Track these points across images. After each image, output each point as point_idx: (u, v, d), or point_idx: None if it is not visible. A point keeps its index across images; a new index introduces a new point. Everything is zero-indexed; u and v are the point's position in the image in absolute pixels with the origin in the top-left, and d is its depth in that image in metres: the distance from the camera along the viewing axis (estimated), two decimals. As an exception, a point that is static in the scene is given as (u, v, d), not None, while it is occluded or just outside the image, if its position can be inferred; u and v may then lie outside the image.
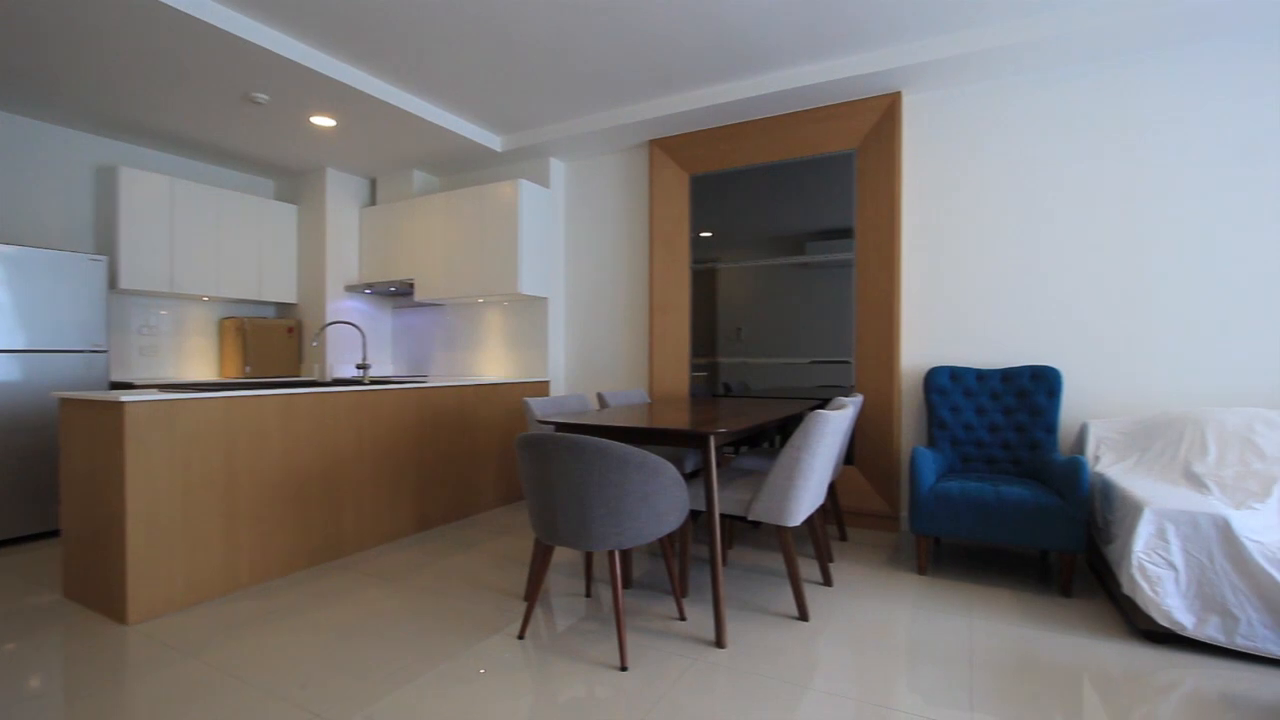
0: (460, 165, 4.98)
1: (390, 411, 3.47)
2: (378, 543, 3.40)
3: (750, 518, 2.39)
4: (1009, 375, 3.25)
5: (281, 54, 3.15)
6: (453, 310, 5.17)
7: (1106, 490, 2.60)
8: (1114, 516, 2.47)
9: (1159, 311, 3.10)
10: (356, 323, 4.92)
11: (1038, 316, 3.33)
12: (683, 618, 2.43)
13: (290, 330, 5.08)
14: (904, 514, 3.65)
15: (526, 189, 4.45)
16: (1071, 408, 3.24)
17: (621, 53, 3.34)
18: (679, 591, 2.44)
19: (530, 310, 4.80)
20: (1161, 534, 2.16)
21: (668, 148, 4.29)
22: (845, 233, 3.79)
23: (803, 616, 2.43)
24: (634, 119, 4.03)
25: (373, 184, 5.33)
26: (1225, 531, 2.07)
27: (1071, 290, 3.27)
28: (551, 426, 2.72)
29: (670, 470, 2.09)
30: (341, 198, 5.11)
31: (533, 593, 2.25)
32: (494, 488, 4.24)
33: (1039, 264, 3.34)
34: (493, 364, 4.97)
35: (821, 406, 2.99)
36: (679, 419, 2.50)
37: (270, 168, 5.00)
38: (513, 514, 4.13)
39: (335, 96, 3.65)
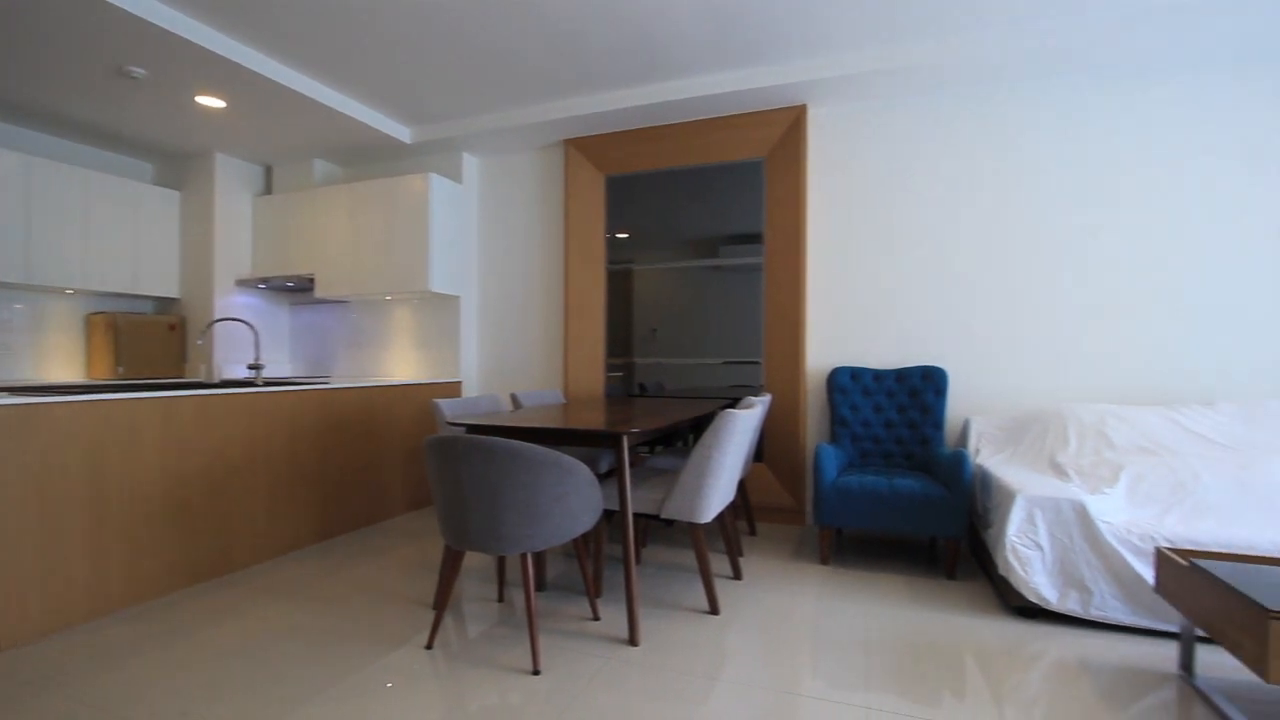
0: (366, 156, 4.75)
1: (287, 415, 3.27)
2: (274, 555, 3.19)
3: (663, 516, 2.43)
4: (902, 375, 3.48)
5: (159, 24, 2.89)
6: (358, 308, 4.93)
7: (985, 480, 2.84)
8: (992, 504, 2.71)
9: (1030, 317, 3.42)
10: (249, 320, 4.59)
11: (928, 320, 3.59)
12: (597, 617, 2.44)
13: (172, 327, 4.67)
14: (809, 508, 3.82)
15: (438, 183, 4.32)
16: (957, 405, 3.52)
17: (536, 48, 3.30)
18: (593, 592, 2.44)
19: (441, 309, 4.65)
20: (1031, 519, 2.39)
21: (583, 148, 4.28)
22: (756, 238, 3.92)
23: (714, 610, 2.50)
24: (549, 117, 4.00)
25: (268, 172, 5.00)
26: (1082, 514, 2.32)
27: (955, 295, 3.54)
28: (462, 428, 2.65)
29: (584, 471, 2.09)
30: (232, 185, 4.75)
31: (442, 600, 2.18)
32: (402, 493, 4.08)
33: (928, 271, 3.59)
34: (401, 364, 4.78)
35: (732, 406, 3.09)
36: (593, 419, 2.51)
37: (150, 149, 4.57)
38: (422, 519, 3.99)
39: (225, 76, 3.39)
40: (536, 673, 2.02)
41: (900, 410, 3.44)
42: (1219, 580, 1.72)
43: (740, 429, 2.41)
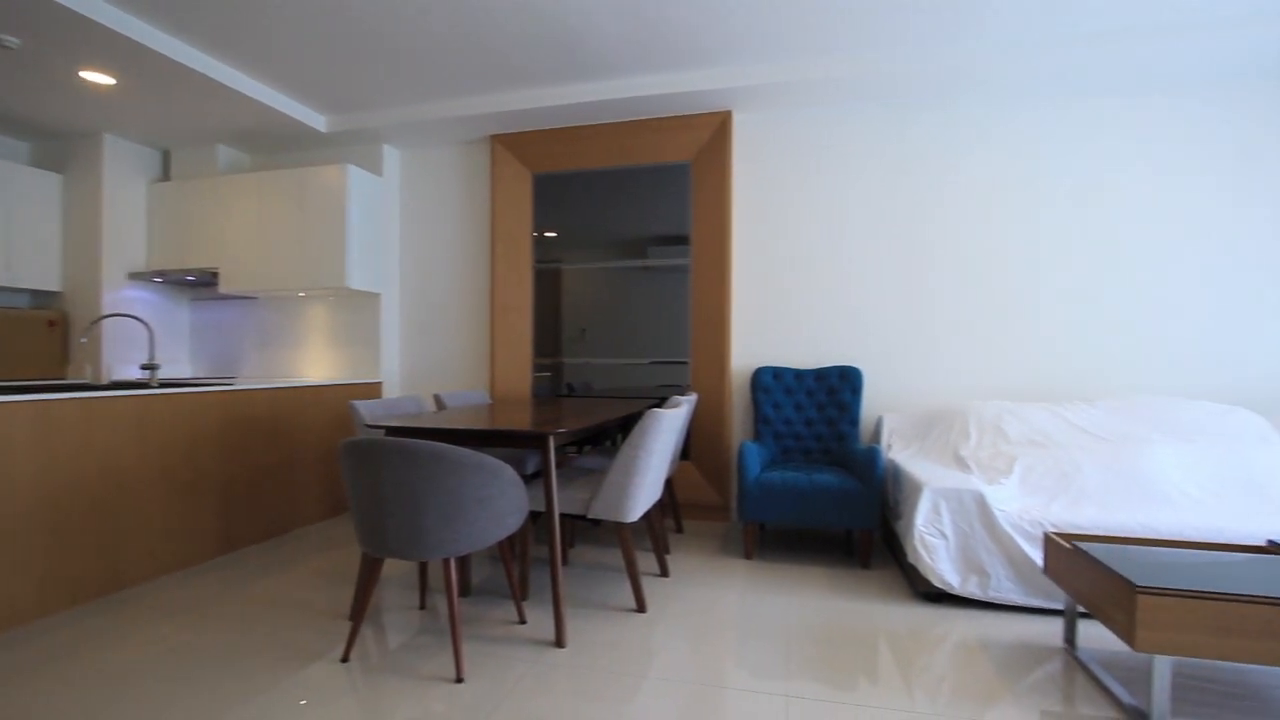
0: (277, 144, 4.49)
1: (186, 419, 3.04)
2: (171, 571, 2.97)
3: (590, 516, 2.43)
4: (822, 374, 3.62)
5: (37, -7, 2.63)
6: (267, 304, 4.65)
7: (896, 474, 3.00)
8: (902, 496, 2.86)
9: (937, 319, 3.64)
10: (142, 316, 4.25)
11: (845, 321, 3.75)
12: (523, 621, 2.41)
13: (52, 324, 4.25)
14: (734, 504, 3.92)
15: (356, 175, 4.14)
16: (871, 403, 3.70)
17: (460, 39, 3.22)
18: (518, 595, 2.41)
19: (361, 306, 4.46)
20: (936, 509, 2.55)
21: (510, 144, 4.22)
22: (683, 239, 3.98)
23: (641, 609, 2.52)
24: (474, 111, 3.91)
25: (165, 156, 4.63)
26: (981, 504, 2.49)
27: (871, 299, 3.72)
28: (381, 431, 2.55)
29: (509, 472, 2.06)
30: (123, 170, 4.37)
31: (359, 610, 2.10)
32: (317, 499, 3.88)
33: (845, 274, 3.76)
34: (316, 364, 4.55)
35: (660, 406, 3.12)
36: (519, 420, 2.47)
37: (25, 128, 4.14)
38: (339, 527, 3.81)
39: (113, 49, 3.11)
40: (460, 681, 1.97)
41: (819, 408, 3.59)
42: (1096, 560, 1.89)
43: (666, 428, 2.44)
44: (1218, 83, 3.34)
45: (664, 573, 2.91)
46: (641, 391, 4.08)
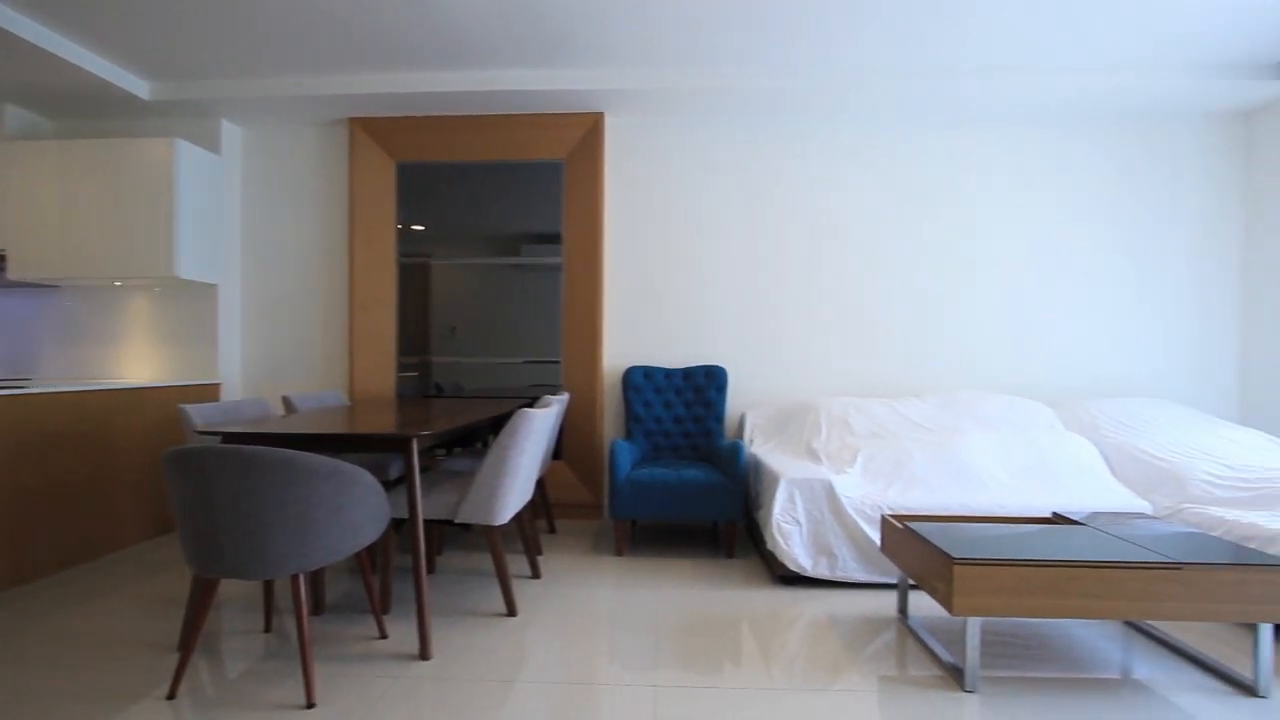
0: (85, 108, 3.89)
1: (-40, 429, 2.55)
2: (-64, 610, 2.48)
3: (457, 520, 2.35)
4: (690, 374, 3.77)
5: None
6: (74, 294, 4.02)
7: (757, 467, 3.19)
8: (762, 487, 3.05)
9: (793, 321, 3.92)
10: (-102, 306, 3.50)
11: (711, 322, 3.93)
12: (384, 636, 2.28)
13: None
14: (606, 502, 3.96)
15: (187, 152, 3.69)
16: (736, 400, 3.90)
17: (313, 10, 2.98)
18: (378, 608, 2.28)
19: (194, 299, 3.98)
20: (791, 498, 2.74)
21: (371, 129, 3.96)
22: (557, 238, 3.96)
23: (511, 613, 2.47)
24: (330, 91, 3.63)
25: (-70, 115, 3.85)
26: (829, 492, 2.72)
27: (734, 300, 3.93)
28: (217, 438, 2.30)
29: (366, 478, 1.94)
30: None
31: (189, 639, 1.88)
32: (140, 519, 3.42)
33: (711, 277, 3.94)
34: (139, 364, 4.00)
35: (531, 405, 3.08)
36: (380, 422, 2.34)
37: None
38: (167, 547, 3.39)
39: None
40: (311, 705, 1.83)
41: (688, 406, 3.73)
42: (922, 537, 2.13)
43: (537, 428, 2.42)
44: (1046, 118, 3.88)
45: (536, 574, 2.88)
46: (514, 391, 4.01)
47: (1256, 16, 2.96)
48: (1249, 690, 1.93)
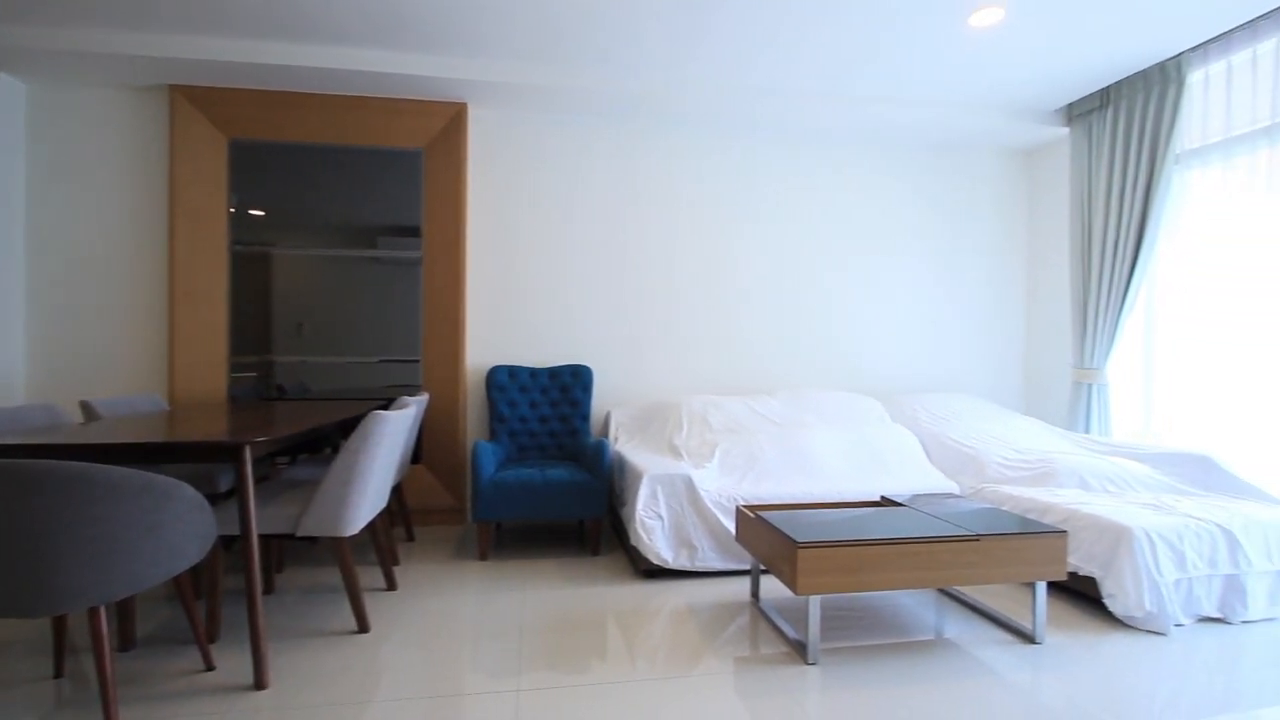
0: None
1: None
2: None
3: (300, 534, 2.16)
4: (555, 373, 3.76)
5: None
6: None
7: (622, 464, 3.26)
8: (626, 484, 3.11)
9: (656, 321, 4.04)
10: None
11: (577, 321, 3.95)
12: (210, 667, 2.04)
13: None
14: (470, 505, 3.84)
15: (-54, 109, 3.06)
16: (601, 399, 3.95)
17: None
18: (203, 637, 2.04)
19: (-45, 285, 3.31)
20: (654, 494, 2.83)
21: (198, 99, 3.53)
22: (416, 231, 3.77)
23: (363, 629, 2.32)
24: (144, 51, 3.18)
25: None
26: (689, 486, 2.84)
27: (600, 300, 3.98)
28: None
29: (187, 493, 1.73)
30: None
31: (-52, 695, 1.56)
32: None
33: (577, 276, 3.96)
34: (-128, 363, 3.25)
35: (386, 407, 2.91)
36: (206, 428, 2.09)
37: None
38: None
39: None
40: (116, 755, 1.59)
41: (553, 405, 3.71)
42: (771, 525, 2.28)
43: (391, 430, 2.29)
44: (869, 141, 4.29)
45: (391, 586, 2.73)
46: (369, 392, 3.76)
47: (1041, 70, 3.50)
48: (1029, 639, 2.28)
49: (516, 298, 3.90)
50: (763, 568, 2.68)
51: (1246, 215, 3.13)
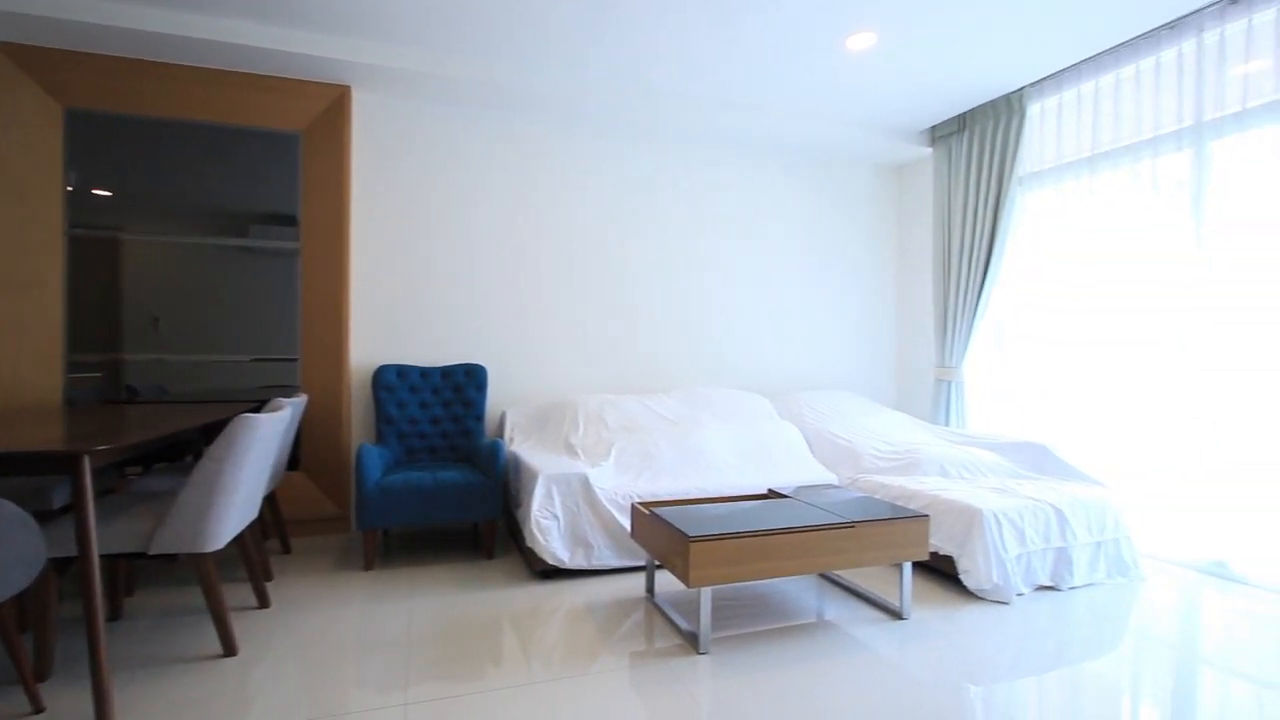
0: None
1: None
2: None
3: (153, 552, 1.95)
4: (448, 372, 3.63)
5: None
6: None
7: (517, 464, 3.21)
8: (521, 484, 3.07)
9: (553, 320, 4.00)
10: None
11: (471, 319, 3.83)
12: (39, 709, 1.80)
13: None
14: (354, 512, 3.63)
15: None
16: (496, 398, 3.86)
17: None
18: (30, 675, 1.79)
19: None
20: (549, 494, 2.81)
21: (26, 59, 3.08)
22: (293, 220, 3.51)
23: (229, 652, 2.13)
24: (-47, 2, 2.74)
25: None
26: (585, 485, 2.85)
27: (495, 298, 3.89)
28: None
29: (6, 510, 1.51)
30: None
31: None
32: None
33: (472, 273, 3.84)
34: None
35: (259, 410, 2.69)
36: (34, 435, 1.83)
37: None
38: None
39: None
40: (-87, 820, 1.37)
41: (446, 405, 3.59)
42: (665, 520, 2.34)
43: (261, 436, 2.12)
44: (762, 149, 4.48)
45: (264, 604, 2.53)
46: (238, 394, 3.46)
47: (909, 94, 3.82)
48: (898, 615, 2.48)
49: (407, 294, 3.72)
50: (657, 563, 2.73)
51: (1074, 234, 3.57)
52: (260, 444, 2.12)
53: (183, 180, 3.37)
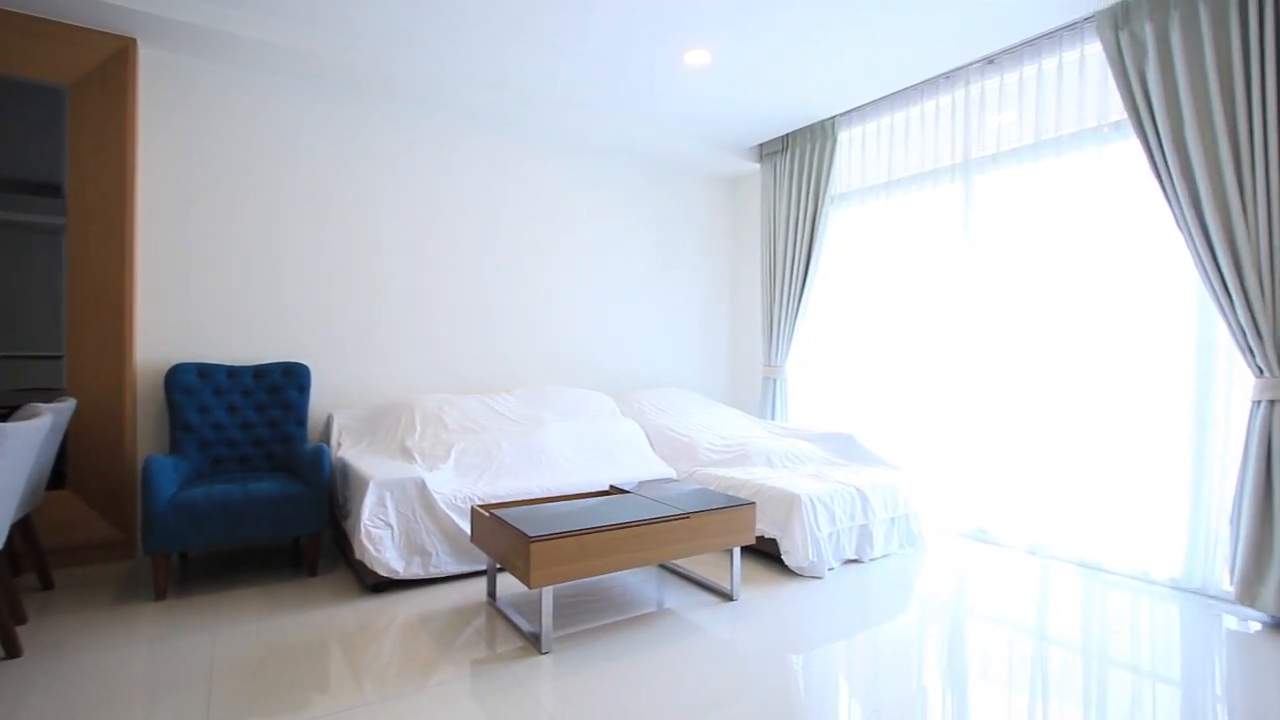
0: None
1: None
2: None
3: None
4: (261, 371, 3.26)
5: None
6: None
7: (345, 471, 2.97)
8: (350, 493, 2.85)
9: (386, 317, 3.76)
10: None
11: (289, 314, 3.47)
12: None
13: None
14: (140, 535, 3.13)
15: None
16: (321, 400, 3.54)
17: None
18: None
19: None
20: (382, 501, 2.64)
21: None
22: (56, 190, 2.94)
23: (-38, 715, 1.74)
24: None
25: None
26: (422, 489, 2.71)
27: (319, 291, 3.56)
28: None
29: None
30: None
31: None
32: None
33: (292, 263, 3.49)
34: None
35: (7, 417, 2.22)
36: None
37: None
38: None
39: None
40: None
41: (259, 409, 3.21)
42: (505, 522, 2.30)
43: (9, 450, 1.76)
44: (612, 154, 4.53)
45: (13, 652, 2.09)
46: (-27, 400, 2.83)
47: (740, 112, 4.10)
48: (729, 597, 2.67)
49: (211, 285, 3.28)
50: (499, 566, 2.68)
51: (875, 247, 4.08)
52: (8, 459, 1.75)
53: (-111, 132, 2.69)
